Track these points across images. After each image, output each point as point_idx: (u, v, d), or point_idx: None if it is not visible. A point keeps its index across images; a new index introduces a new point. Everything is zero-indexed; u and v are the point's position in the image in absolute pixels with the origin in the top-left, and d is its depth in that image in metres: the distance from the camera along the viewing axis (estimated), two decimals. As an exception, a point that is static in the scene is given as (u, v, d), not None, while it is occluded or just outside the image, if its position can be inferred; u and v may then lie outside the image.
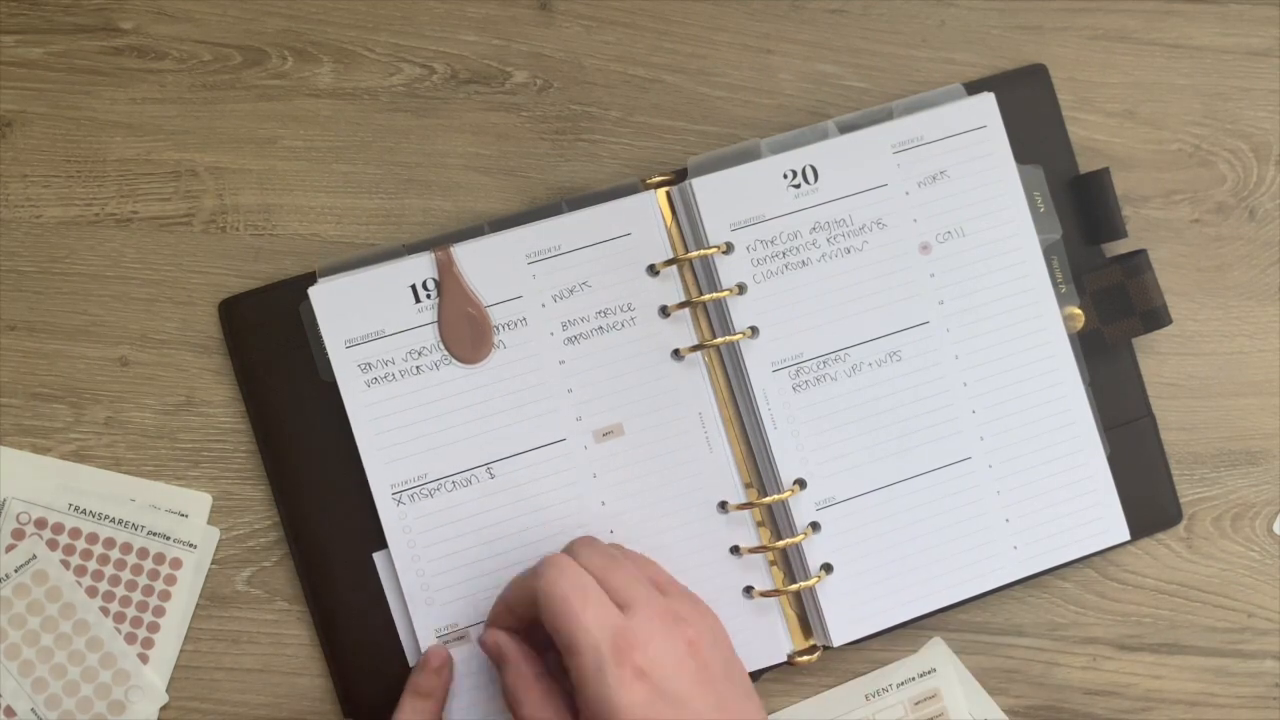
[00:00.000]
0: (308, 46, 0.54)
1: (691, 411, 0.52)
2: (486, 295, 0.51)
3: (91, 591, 0.51)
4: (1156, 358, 0.56)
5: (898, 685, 0.54)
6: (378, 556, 0.51)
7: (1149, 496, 0.55)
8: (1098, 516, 0.53)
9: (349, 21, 0.54)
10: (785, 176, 0.52)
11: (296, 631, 0.52)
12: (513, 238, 0.51)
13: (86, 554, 0.51)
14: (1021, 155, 0.54)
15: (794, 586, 0.51)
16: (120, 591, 0.51)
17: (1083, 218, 0.55)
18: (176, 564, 0.51)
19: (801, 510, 0.52)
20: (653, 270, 0.52)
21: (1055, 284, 0.54)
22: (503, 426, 0.51)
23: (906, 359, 0.53)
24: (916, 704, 0.54)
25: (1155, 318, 0.55)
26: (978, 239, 0.53)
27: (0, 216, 0.52)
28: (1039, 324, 0.53)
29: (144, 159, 0.53)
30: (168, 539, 0.51)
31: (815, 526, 0.52)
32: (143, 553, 0.51)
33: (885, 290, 0.53)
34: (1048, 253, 0.54)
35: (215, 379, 0.52)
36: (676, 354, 0.52)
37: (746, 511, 0.52)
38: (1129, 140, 0.57)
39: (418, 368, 0.51)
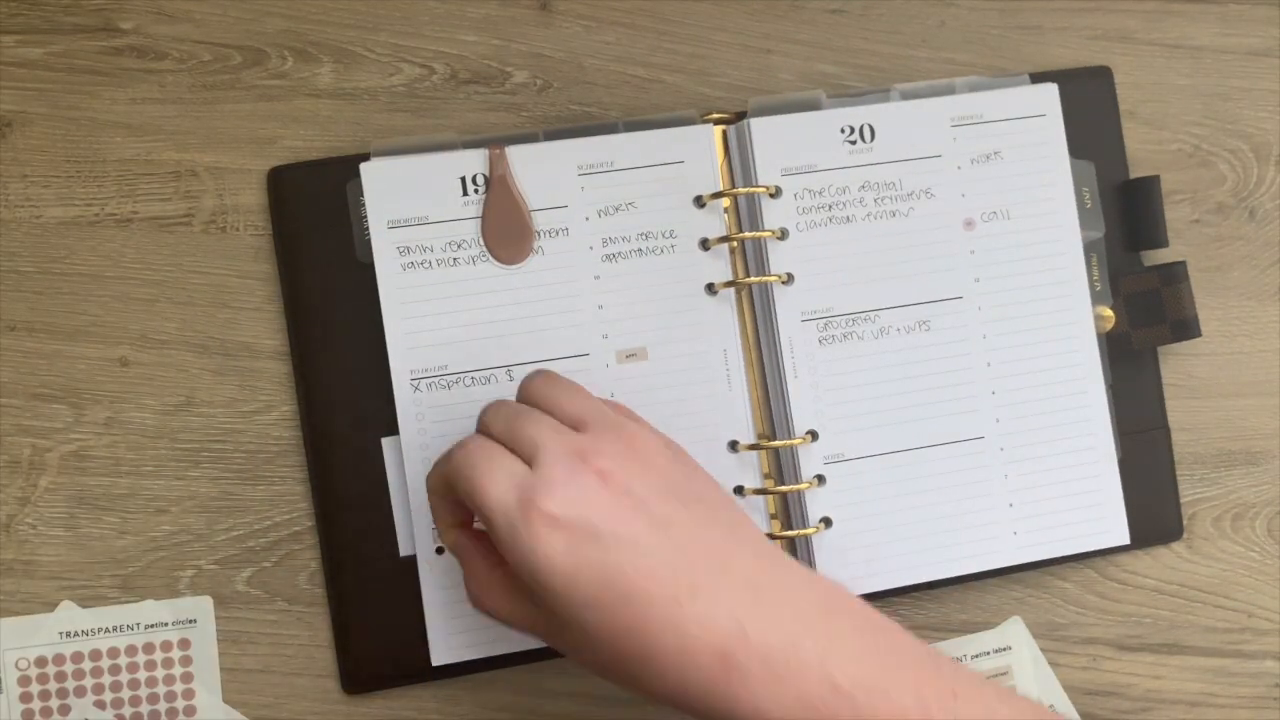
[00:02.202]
0: (308, 46, 0.54)
1: (716, 347, 0.52)
2: (533, 199, 0.51)
3: (117, 704, 0.51)
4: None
5: (971, 657, 0.54)
6: (386, 442, 0.51)
7: (1152, 508, 0.55)
8: (1101, 517, 0.54)
9: (349, 21, 0.54)
10: (843, 131, 0.53)
11: (295, 631, 0.52)
12: (567, 147, 0.52)
13: (97, 671, 0.51)
14: (1075, 151, 0.54)
15: (791, 533, 0.52)
16: (144, 692, 0.51)
17: (1126, 222, 0.56)
18: (185, 644, 0.51)
19: (809, 461, 0.52)
20: (699, 202, 0.52)
21: (1091, 281, 0.54)
22: (529, 332, 0.51)
23: (935, 330, 0.53)
24: (987, 678, 0.54)
25: (1185, 328, 0.55)
26: (1022, 223, 0.54)
27: (0, 216, 0.52)
28: (1070, 317, 0.54)
29: (144, 159, 0.53)
30: (166, 625, 0.51)
31: (820, 480, 0.52)
32: (148, 648, 0.51)
33: (924, 259, 0.53)
34: (1088, 249, 0.54)
35: (215, 379, 0.52)
36: (710, 288, 0.52)
37: (754, 454, 0.52)
38: (1129, 140, 0.57)
39: (455, 260, 0.51)
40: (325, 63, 0.54)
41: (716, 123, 0.53)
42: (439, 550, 0.51)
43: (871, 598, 0.53)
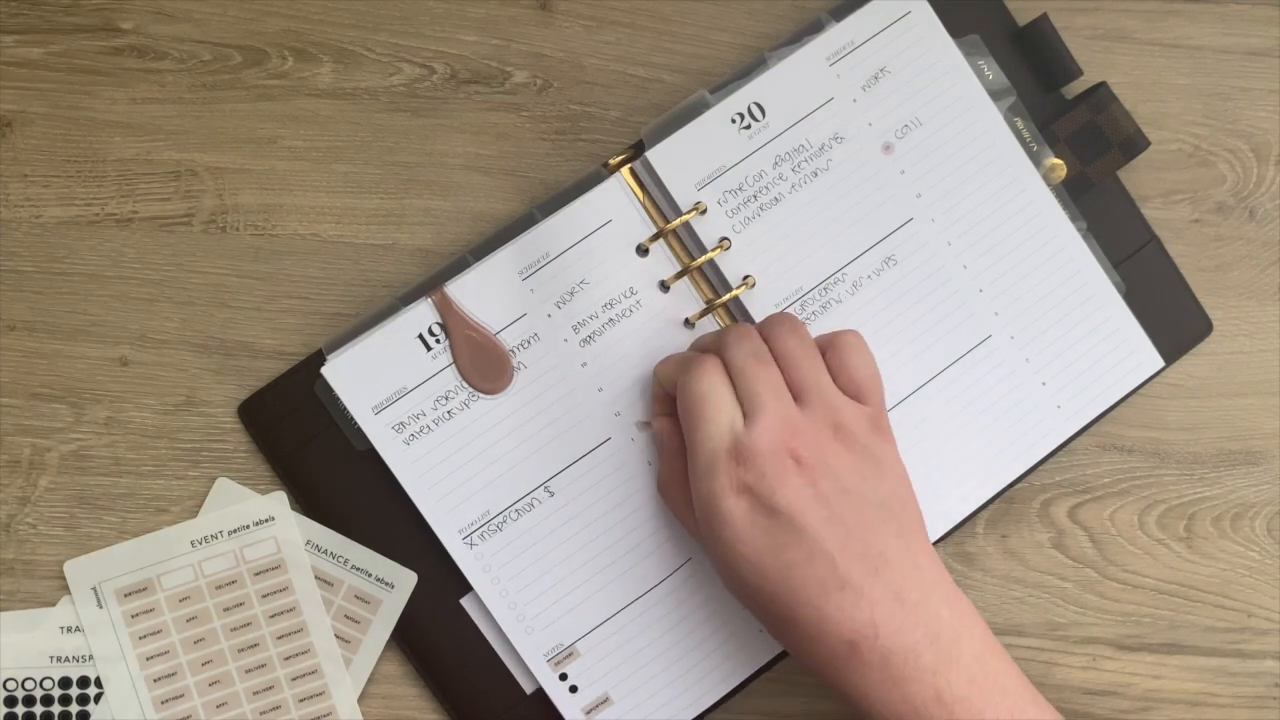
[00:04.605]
0: (308, 46, 0.54)
1: None
2: (493, 323, 0.51)
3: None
4: (1156, 358, 0.57)
5: (229, 533, 0.52)
6: (465, 601, 0.51)
7: (1175, 316, 0.56)
8: (1128, 353, 0.54)
9: (349, 21, 0.54)
10: (734, 120, 0.52)
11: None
12: (500, 259, 0.51)
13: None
14: (955, 29, 0.53)
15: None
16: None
17: (1034, 69, 0.55)
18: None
19: None
20: (642, 250, 0.51)
21: (1025, 144, 0.54)
22: (547, 444, 0.51)
23: (902, 260, 0.53)
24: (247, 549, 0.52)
25: (1133, 145, 0.55)
26: (936, 124, 0.53)
27: (0, 216, 0.52)
28: (1019, 187, 0.53)
29: (144, 159, 0.53)
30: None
31: None
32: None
33: (862, 201, 0.53)
34: (1009, 116, 0.54)
35: (215, 379, 0.52)
36: (688, 323, 0.52)
37: None
38: (1129, 140, 0.57)
39: (449, 412, 0.50)
40: (325, 63, 0.54)
41: (622, 164, 0.52)
42: (645, 424, 0.51)
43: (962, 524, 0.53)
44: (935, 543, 0.53)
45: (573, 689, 0.51)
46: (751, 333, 0.48)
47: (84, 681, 0.51)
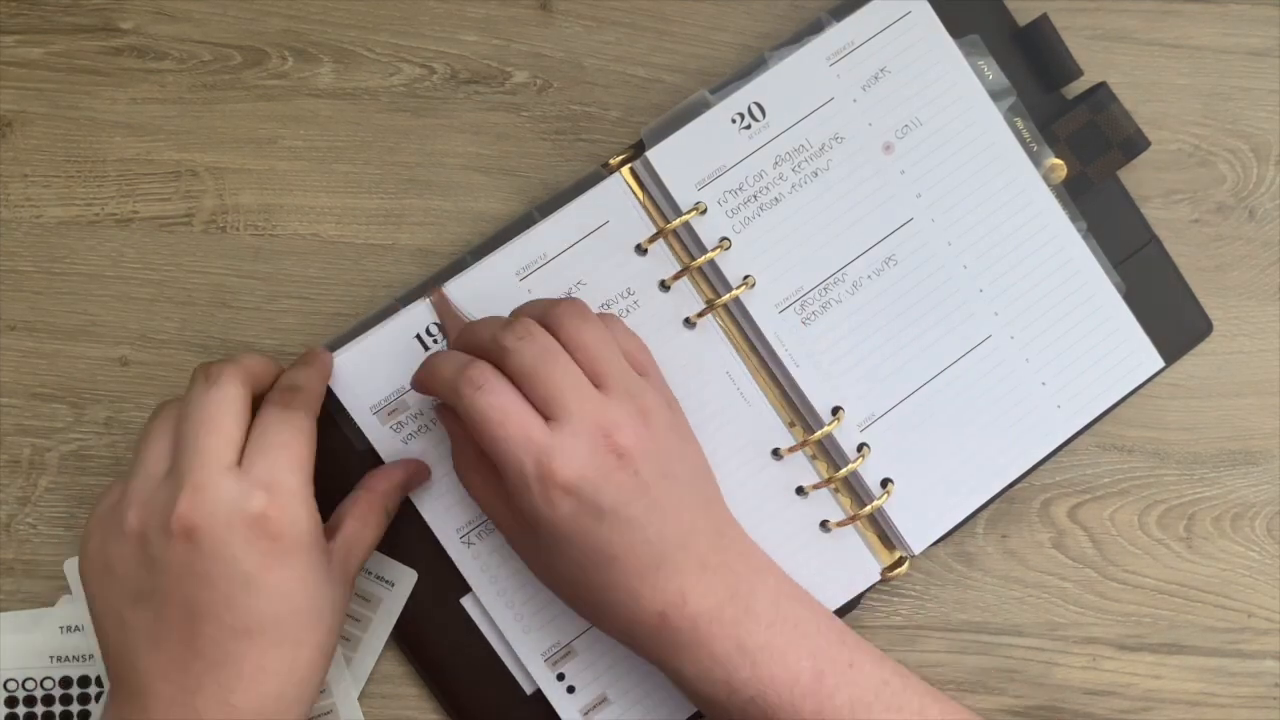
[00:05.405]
0: (308, 46, 0.54)
1: (718, 373, 0.52)
2: None
3: None
4: (1156, 358, 0.57)
5: None
6: (465, 601, 0.51)
7: (1175, 316, 0.56)
8: (1128, 353, 0.54)
9: (349, 21, 0.54)
10: (734, 120, 0.52)
11: (296, 631, 0.52)
12: (498, 260, 0.50)
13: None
14: (956, 30, 0.53)
15: (864, 511, 0.52)
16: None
17: (1034, 69, 0.55)
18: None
19: (847, 436, 0.52)
20: (640, 250, 0.51)
21: (1025, 144, 0.54)
22: None
23: (902, 260, 0.53)
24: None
25: (1133, 145, 0.55)
26: (936, 124, 0.53)
27: (0, 216, 0.52)
28: (1019, 188, 0.53)
29: (144, 159, 0.53)
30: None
31: (864, 447, 0.52)
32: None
33: (862, 201, 0.52)
34: (1009, 116, 0.54)
35: (215, 379, 0.52)
36: (687, 322, 0.52)
37: (799, 453, 0.52)
38: (1129, 140, 0.57)
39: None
40: (325, 63, 0.54)
41: (622, 164, 0.52)
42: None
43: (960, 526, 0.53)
44: (935, 543, 0.53)
45: (570, 689, 0.51)
46: (532, 328, 0.45)
47: (84, 681, 0.51)
